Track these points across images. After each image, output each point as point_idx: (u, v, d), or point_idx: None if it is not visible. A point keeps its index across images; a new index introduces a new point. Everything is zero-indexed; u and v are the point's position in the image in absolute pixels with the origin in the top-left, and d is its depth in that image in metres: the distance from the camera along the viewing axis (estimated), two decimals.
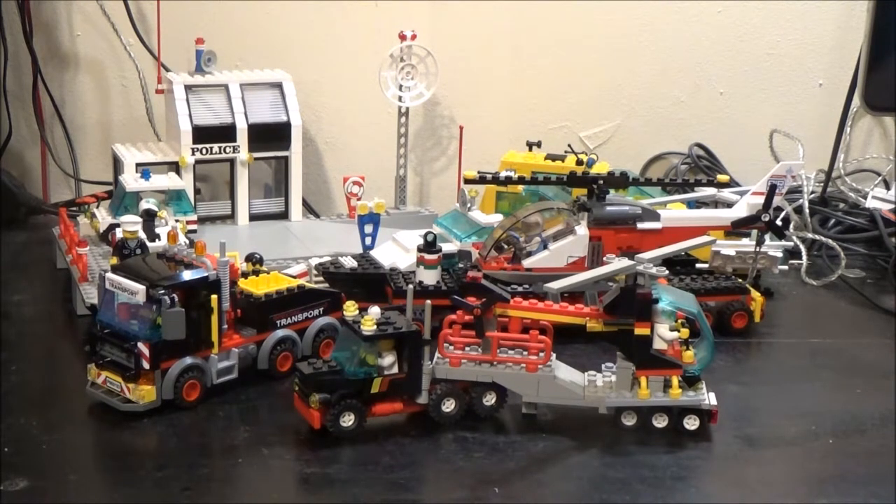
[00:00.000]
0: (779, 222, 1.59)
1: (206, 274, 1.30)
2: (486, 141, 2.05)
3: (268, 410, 1.30)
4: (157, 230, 1.58)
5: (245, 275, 1.40)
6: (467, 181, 1.66)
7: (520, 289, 1.50)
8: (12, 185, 1.94)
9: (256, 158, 1.82)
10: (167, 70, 1.86)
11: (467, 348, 1.28)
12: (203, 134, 1.78)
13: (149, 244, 1.53)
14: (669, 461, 1.22)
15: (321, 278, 1.54)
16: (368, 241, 1.67)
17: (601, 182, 1.64)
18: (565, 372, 1.31)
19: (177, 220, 1.64)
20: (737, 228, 1.64)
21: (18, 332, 1.51)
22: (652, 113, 2.17)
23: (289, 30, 2.04)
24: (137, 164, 1.74)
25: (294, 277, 1.46)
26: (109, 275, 1.29)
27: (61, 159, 2.04)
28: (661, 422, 1.28)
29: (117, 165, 1.78)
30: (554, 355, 1.29)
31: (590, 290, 1.49)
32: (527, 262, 1.57)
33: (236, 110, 1.80)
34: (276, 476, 1.18)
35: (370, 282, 1.52)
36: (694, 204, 1.85)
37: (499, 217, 1.66)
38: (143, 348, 1.25)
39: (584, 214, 1.60)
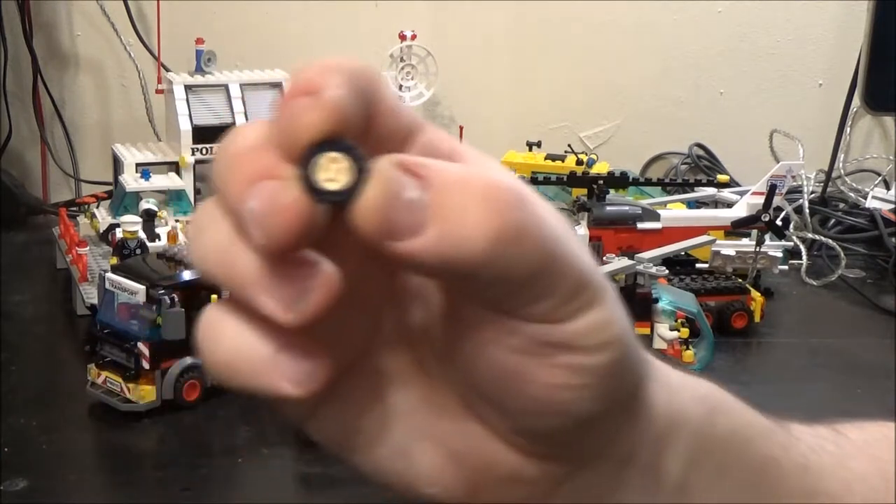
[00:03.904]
0: (779, 222, 1.59)
1: None
2: (486, 141, 2.05)
3: (268, 410, 1.28)
4: (157, 230, 1.58)
5: None
6: None
7: None
8: (12, 185, 1.94)
9: None
10: (167, 70, 1.86)
11: None
12: (203, 134, 1.78)
13: (149, 244, 1.53)
14: None
15: None
16: None
17: (601, 182, 1.64)
18: None
19: (177, 220, 1.64)
20: (737, 228, 1.64)
21: (18, 332, 1.51)
22: (652, 113, 2.17)
23: (289, 30, 2.04)
24: (137, 164, 1.73)
25: None
26: (109, 275, 1.29)
27: (61, 159, 2.04)
28: None
29: (117, 165, 1.78)
30: None
31: None
32: None
33: (236, 110, 1.80)
34: (276, 476, 1.18)
35: None
36: (694, 204, 1.85)
37: None
38: (143, 348, 1.25)
39: (584, 214, 1.60)
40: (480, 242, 0.36)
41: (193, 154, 1.77)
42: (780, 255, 1.64)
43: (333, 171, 0.36)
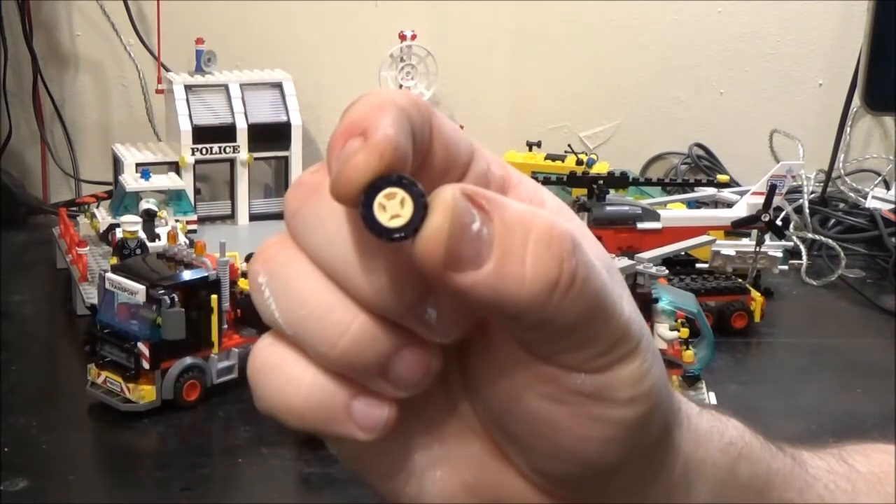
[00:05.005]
0: (779, 222, 1.59)
1: (206, 274, 1.30)
2: (486, 141, 2.03)
3: None
4: (157, 230, 1.58)
5: (245, 275, 1.40)
6: None
7: None
8: (12, 185, 1.94)
9: (256, 158, 1.82)
10: (167, 70, 1.86)
11: None
12: (203, 134, 1.78)
13: (149, 244, 1.53)
14: None
15: None
16: None
17: (601, 182, 1.64)
18: None
19: (177, 220, 1.64)
20: (737, 228, 1.64)
21: (18, 332, 1.51)
22: (652, 113, 2.17)
23: (289, 30, 2.04)
24: (137, 164, 1.73)
25: None
26: (109, 275, 1.29)
27: (61, 159, 2.03)
28: None
29: (117, 165, 1.78)
30: None
31: None
32: None
33: (236, 110, 1.80)
34: (276, 476, 1.18)
35: None
36: (694, 204, 1.85)
37: None
38: (143, 348, 1.25)
39: (584, 214, 1.60)
40: (536, 286, 0.36)
41: (193, 154, 1.77)
42: (780, 255, 1.64)
43: (393, 208, 0.36)
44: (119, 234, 1.53)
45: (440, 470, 0.41)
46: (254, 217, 1.84)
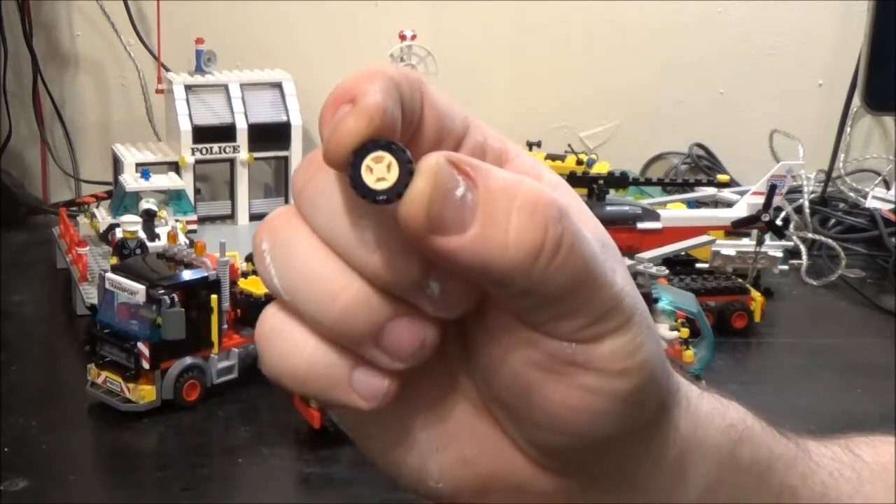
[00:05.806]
0: (779, 222, 1.59)
1: (206, 274, 1.30)
2: None
3: (268, 410, 1.30)
4: (157, 230, 1.58)
5: (245, 275, 1.40)
6: None
7: None
8: (12, 185, 1.94)
9: (256, 158, 1.82)
10: (167, 70, 1.86)
11: None
12: (203, 134, 1.78)
13: (149, 244, 1.53)
14: None
15: None
16: None
17: (601, 182, 1.64)
18: None
19: (177, 220, 1.64)
20: (737, 228, 1.64)
21: (18, 332, 1.51)
22: (652, 113, 2.17)
23: (289, 30, 2.04)
24: (137, 164, 1.73)
25: None
26: (109, 275, 1.29)
27: (61, 159, 2.04)
28: None
29: (117, 165, 1.78)
30: None
31: None
32: None
33: (236, 110, 1.80)
34: (276, 476, 1.18)
35: None
36: (694, 204, 1.85)
37: None
38: (143, 348, 1.25)
39: None
40: (519, 252, 0.36)
41: (193, 154, 1.77)
42: (780, 255, 1.63)
43: (380, 171, 0.37)
44: (119, 234, 1.53)
45: (439, 442, 0.42)
46: (254, 217, 1.84)
